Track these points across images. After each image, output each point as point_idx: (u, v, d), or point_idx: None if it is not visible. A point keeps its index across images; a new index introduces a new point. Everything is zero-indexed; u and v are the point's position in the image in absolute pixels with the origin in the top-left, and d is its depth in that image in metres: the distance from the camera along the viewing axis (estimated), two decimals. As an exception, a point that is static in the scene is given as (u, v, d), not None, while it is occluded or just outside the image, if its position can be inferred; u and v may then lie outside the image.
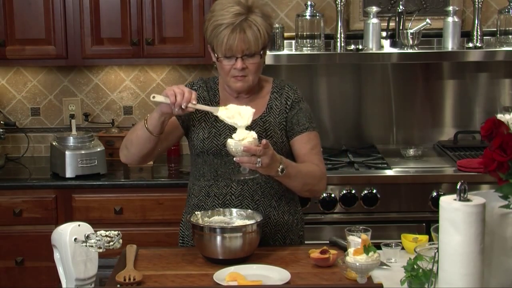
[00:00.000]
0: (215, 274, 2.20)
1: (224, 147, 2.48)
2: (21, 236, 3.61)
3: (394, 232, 3.35)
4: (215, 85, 2.65)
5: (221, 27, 2.44)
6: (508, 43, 3.83)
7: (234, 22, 2.43)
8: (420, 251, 2.07)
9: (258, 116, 2.57)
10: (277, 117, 2.59)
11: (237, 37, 2.43)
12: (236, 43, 2.43)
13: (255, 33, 2.44)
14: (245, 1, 2.48)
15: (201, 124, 2.58)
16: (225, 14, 2.44)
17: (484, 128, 1.95)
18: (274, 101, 2.62)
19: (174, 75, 4.14)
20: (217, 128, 2.56)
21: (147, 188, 3.60)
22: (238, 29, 2.43)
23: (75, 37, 3.79)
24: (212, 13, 2.50)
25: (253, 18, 2.45)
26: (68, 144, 3.71)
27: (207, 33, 2.50)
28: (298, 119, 2.60)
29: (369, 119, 4.12)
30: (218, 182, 2.57)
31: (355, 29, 4.01)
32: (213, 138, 2.56)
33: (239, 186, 2.55)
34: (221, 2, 2.50)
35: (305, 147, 2.59)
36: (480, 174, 3.04)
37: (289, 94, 2.63)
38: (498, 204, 1.91)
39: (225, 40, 2.43)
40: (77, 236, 2.14)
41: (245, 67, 2.48)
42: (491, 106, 4.08)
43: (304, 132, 2.59)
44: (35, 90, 4.16)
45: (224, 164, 2.55)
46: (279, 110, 2.60)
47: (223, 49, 2.45)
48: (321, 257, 2.30)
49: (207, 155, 2.56)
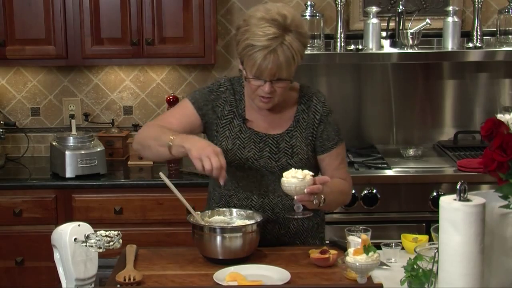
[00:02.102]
0: (215, 274, 2.20)
1: (247, 161, 2.47)
2: (21, 236, 3.61)
3: (394, 232, 3.35)
4: (241, 89, 2.56)
5: (255, 48, 2.33)
6: (508, 43, 3.84)
7: (268, 46, 2.31)
8: (420, 251, 2.07)
9: (285, 130, 2.52)
10: (303, 132, 2.53)
11: (270, 62, 2.32)
12: (269, 68, 2.33)
13: (289, 60, 2.33)
14: (282, 19, 2.34)
15: (225, 133, 2.52)
16: (260, 35, 2.32)
17: (484, 128, 1.95)
18: (302, 113, 2.54)
19: (174, 75, 4.14)
20: (241, 140, 2.51)
21: (147, 188, 3.60)
22: (272, 55, 2.31)
23: (75, 37, 3.79)
24: (246, 26, 2.37)
25: (289, 42, 2.33)
26: (68, 144, 3.71)
27: (238, 47, 2.39)
28: (328, 135, 2.55)
29: (369, 119, 4.12)
30: (238, 193, 2.53)
31: (355, 29, 4.01)
32: (237, 151, 2.50)
33: (260, 199, 2.51)
34: (257, 17, 2.36)
35: (334, 163, 2.56)
36: (480, 174, 3.03)
37: (318, 107, 2.54)
38: (498, 204, 1.91)
39: (257, 63, 2.33)
40: (77, 236, 2.14)
41: (273, 90, 2.39)
42: (491, 106, 4.08)
43: (334, 148, 2.55)
44: (35, 90, 4.16)
45: (246, 176, 2.51)
46: (306, 124, 2.53)
47: (253, 70, 2.36)
48: (321, 257, 2.30)
49: (229, 167, 2.44)
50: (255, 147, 2.49)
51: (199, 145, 2.29)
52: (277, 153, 2.50)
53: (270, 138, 2.51)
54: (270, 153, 2.50)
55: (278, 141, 2.50)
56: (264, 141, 2.51)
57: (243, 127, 2.52)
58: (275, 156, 2.50)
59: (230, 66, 4.14)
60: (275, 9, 2.38)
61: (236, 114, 2.53)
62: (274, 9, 2.38)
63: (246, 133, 2.49)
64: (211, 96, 2.54)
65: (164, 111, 4.13)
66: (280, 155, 2.50)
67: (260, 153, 2.50)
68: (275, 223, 2.53)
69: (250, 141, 2.50)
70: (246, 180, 2.52)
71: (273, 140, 2.51)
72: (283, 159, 2.50)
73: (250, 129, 2.52)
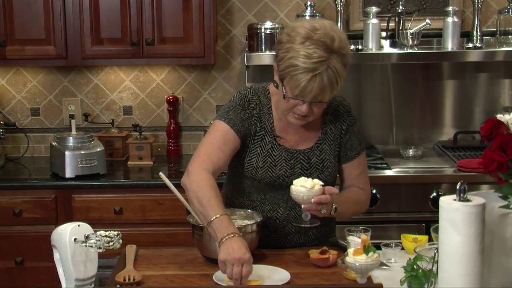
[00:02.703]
0: (215, 274, 2.20)
1: (278, 179, 2.44)
2: (21, 236, 3.61)
3: (394, 232, 3.35)
4: (267, 101, 2.49)
5: (299, 69, 2.25)
6: (507, 43, 3.83)
7: (314, 69, 2.24)
8: (420, 251, 2.07)
9: (314, 144, 2.50)
10: (331, 144, 2.51)
11: (314, 86, 2.25)
12: (313, 92, 2.27)
13: (332, 84, 2.27)
14: (331, 42, 2.26)
15: (256, 150, 2.47)
16: (306, 56, 2.24)
17: (484, 128, 1.95)
18: (329, 124, 2.51)
19: (174, 75, 4.14)
20: (273, 158, 2.46)
21: (147, 188, 3.60)
22: (317, 78, 2.24)
23: (75, 37, 3.79)
24: (290, 44, 2.28)
25: (333, 65, 2.26)
26: (68, 144, 3.70)
27: (280, 63, 2.30)
28: (352, 144, 2.53)
29: (369, 119, 4.11)
30: (264, 205, 2.50)
31: (355, 29, 4.01)
32: (268, 169, 2.46)
33: (286, 211, 2.49)
34: (302, 35, 2.27)
35: (355, 173, 2.55)
36: (480, 174, 3.02)
37: (344, 117, 2.52)
38: (498, 204, 1.91)
39: (301, 85, 2.25)
40: (77, 236, 2.14)
41: (310, 111, 2.34)
42: (491, 106, 4.08)
43: (356, 158, 2.54)
44: (35, 90, 4.15)
45: (275, 190, 2.48)
46: (333, 136, 2.51)
47: (295, 91, 2.28)
48: (321, 257, 2.30)
49: (258, 183, 2.46)
50: (286, 164, 2.46)
51: (230, 247, 2.13)
52: (308, 169, 2.48)
53: (301, 154, 2.48)
54: (302, 169, 2.47)
55: (309, 157, 2.48)
56: (295, 157, 2.48)
57: (275, 144, 2.48)
58: (307, 172, 2.47)
59: (230, 66, 4.14)
60: (322, 29, 2.28)
61: (266, 130, 2.47)
62: (321, 29, 2.28)
63: (277, 151, 2.46)
64: (245, 115, 2.46)
65: (164, 111, 4.14)
66: (311, 171, 2.48)
67: (291, 170, 2.47)
68: (296, 233, 2.53)
69: (281, 158, 2.47)
70: (273, 193, 2.49)
71: (304, 156, 2.48)
72: (314, 174, 2.47)
73: (281, 146, 2.48)
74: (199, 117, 4.18)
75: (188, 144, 4.19)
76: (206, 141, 2.43)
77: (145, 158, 3.91)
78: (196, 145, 4.16)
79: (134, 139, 3.96)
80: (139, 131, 3.98)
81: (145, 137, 3.99)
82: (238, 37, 4.11)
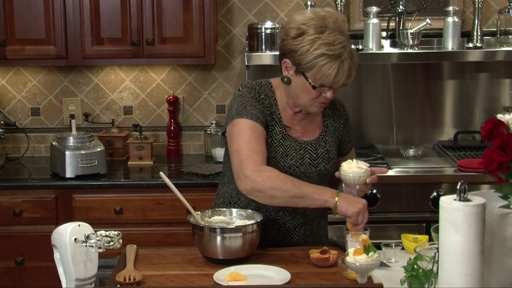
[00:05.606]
0: (215, 274, 2.20)
1: (289, 168, 2.46)
2: (21, 236, 3.61)
3: (394, 232, 3.35)
4: (272, 94, 2.51)
5: (327, 58, 2.31)
6: (508, 43, 3.83)
7: (340, 55, 2.31)
8: (420, 251, 2.07)
9: (319, 135, 2.56)
10: (333, 136, 2.58)
11: (345, 72, 2.33)
12: (343, 77, 2.34)
13: (355, 65, 2.36)
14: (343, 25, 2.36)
15: (267, 140, 2.47)
16: (331, 44, 2.31)
17: (484, 128, 1.95)
18: (328, 118, 2.59)
19: (174, 75, 4.14)
20: (284, 148, 2.49)
21: (147, 188, 3.60)
22: (344, 63, 2.32)
23: (75, 37, 3.79)
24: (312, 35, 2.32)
25: (350, 46, 2.35)
26: (68, 144, 3.70)
27: (303, 56, 2.33)
28: (349, 137, 2.64)
29: (369, 119, 4.12)
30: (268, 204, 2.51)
31: (355, 29, 4.01)
32: (280, 159, 2.48)
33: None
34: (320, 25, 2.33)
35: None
36: (480, 174, 3.04)
37: (341, 112, 2.62)
38: (498, 204, 1.91)
39: (333, 73, 2.32)
40: (77, 236, 2.14)
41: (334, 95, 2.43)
42: (491, 106, 4.08)
43: (352, 149, 2.66)
44: (35, 90, 4.16)
45: None
46: (333, 129, 2.58)
47: (326, 80, 2.34)
48: (321, 257, 2.30)
49: None
50: (296, 154, 2.49)
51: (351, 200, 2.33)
52: (316, 159, 2.52)
53: (309, 144, 2.52)
54: (310, 159, 2.52)
55: (316, 147, 2.52)
56: (303, 148, 2.52)
57: (285, 134, 2.50)
58: (315, 162, 2.52)
59: (230, 66, 4.14)
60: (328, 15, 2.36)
61: (276, 121, 2.50)
62: (328, 16, 2.36)
63: (288, 141, 2.49)
64: (260, 106, 2.47)
65: (164, 111, 4.14)
66: (319, 161, 2.53)
67: (301, 160, 2.50)
68: (303, 225, 2.55)
69: (291, 148, 2.50)
70: None
71: (311, 147, 2.53)
72: (322, 164, 2.53)
73: (290, 136, 2.51)
74: (199, 117, 4.18)
75: (189, 144, 4.19)
76: (241, 143, 2.39)
77: (146, 158, 3.92)
78: (196, 145, 4.17)
79: (135, 139, 3.97)
80: (139, 131, 3.98)
81: (145, 137, 3.99)
82: (238, 37, 4.11)
